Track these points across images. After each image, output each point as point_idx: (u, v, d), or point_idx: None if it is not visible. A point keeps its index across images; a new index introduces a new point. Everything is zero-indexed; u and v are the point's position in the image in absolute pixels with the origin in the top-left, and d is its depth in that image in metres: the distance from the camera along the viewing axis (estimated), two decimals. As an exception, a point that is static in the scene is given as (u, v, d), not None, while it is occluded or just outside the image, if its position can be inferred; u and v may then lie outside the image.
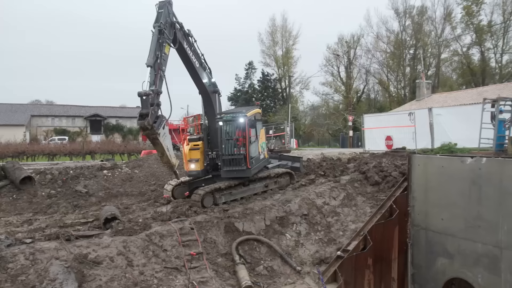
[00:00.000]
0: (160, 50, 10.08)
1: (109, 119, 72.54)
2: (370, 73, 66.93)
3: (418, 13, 61.19)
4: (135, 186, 16.54)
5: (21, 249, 7.94)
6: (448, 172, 10.89)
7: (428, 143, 20.43)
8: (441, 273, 10.93)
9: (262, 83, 70.93)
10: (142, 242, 9.01)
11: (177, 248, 9.24)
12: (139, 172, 18.22)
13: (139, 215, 11.77)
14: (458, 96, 36.85)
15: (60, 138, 57.53)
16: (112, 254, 8.37)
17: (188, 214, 10.79)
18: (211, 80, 12.98)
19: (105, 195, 15.42)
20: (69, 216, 12.55)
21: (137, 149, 36.27)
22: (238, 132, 12.56)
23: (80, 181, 16.29)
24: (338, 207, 12.22)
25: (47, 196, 14.81)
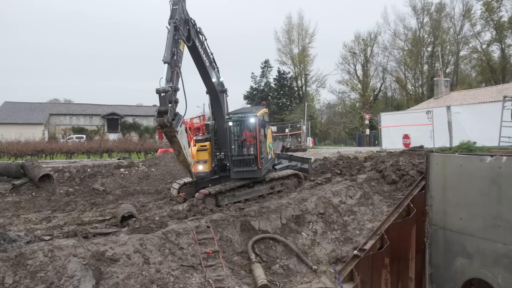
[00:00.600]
0: (176, 46, 9.93)
1: (126, 117, 73.29)
2: (387, 71, 66.34)
3: (436, 10, 60.36)
4: (151, 184, 16.67)
5: (40, 246, 8.06)
6: (467, 171, 10.70)
7: (446, 142, 20.16)
8: (460, 273, 10.75)
9: (278, 82, 70.81)
10: (159, 240, 9.06)
11: (193, 246, 9.27)
12: (156, 170, 18.36)
13: (156, 213, 11.86)
14: (478, 94, 36.29)
15: (78, 137, 58.40)
16: (129, 252, 8.44)
17: (204, 213, 10.83)
18: (219, 79, 12.84)
19: (122, 193, 15.58)
20: (87, 214, 12.72)
21: (154, 148, 36.57)
22: (248, 132, 12.48)
23: (97, 179, 16.49)
24: (355, 206, 12.12)
25: (65, 194, 15.03)
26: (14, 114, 64.68)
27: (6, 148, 32.67)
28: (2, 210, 13.18)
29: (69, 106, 77.29)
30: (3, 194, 14.25)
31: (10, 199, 14.09)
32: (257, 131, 12.32)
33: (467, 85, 54.47)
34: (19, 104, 68.44)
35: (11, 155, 31.65)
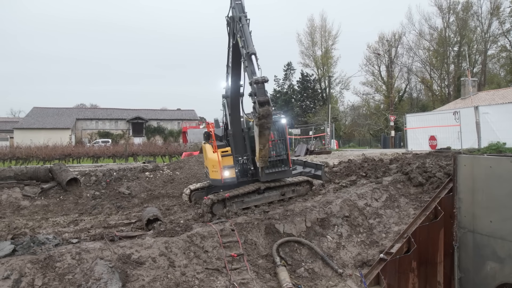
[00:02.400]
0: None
1: (151, 121, 74.21)
2: (412, 72, 65.44)
3: (463, 9, 59.18)
4: (176, 187, 16.81)
5: (68, 249, 8.22)
6: (496, 173, 10.43)
7: (474, 143, 19.71)
8: (490, 277, 10.46)
9: (301, 84, 70.68)
10: (184, 243, 9.12)
11: (218, 249, 9.29)
12: (180, 174, 18.51)
13: (181, 216, 11.94)
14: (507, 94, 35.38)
15: (103, 141, 59.44)
16: (155, 255, 8.52)
17: (229, 216, 10.84)
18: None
19: (147, 197, 15.75)
20: (113, 217, 12.90)
21: (178, 151, 36.84)
22: (279, 133, 12.60)
23: (123, 183, 16.72)
24: (380, 208, 11.94)
25: (91, 197, 15.29)
26: (43, 119, 66.40)
27: (35, 152, 33.45)
28: (32, 213, 13.52)
29: (95, 110, 78.85)
30: (32, 198, 14.61)
31: (39, 202, 14.44)
32: (286, 132, 12.63)
33: (495, 85, 53.14)
34: (47, 110, 70.24)
35: (40, 159, 32.42)
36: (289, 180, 13.03)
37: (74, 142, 55.36)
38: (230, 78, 11.99)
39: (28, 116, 68.43)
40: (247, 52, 9.73)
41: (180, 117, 76.80)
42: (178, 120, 75.51)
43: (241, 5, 10.70)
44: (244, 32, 10.08)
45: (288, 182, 12.96)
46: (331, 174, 16.26)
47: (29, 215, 13.28)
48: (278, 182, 12.66)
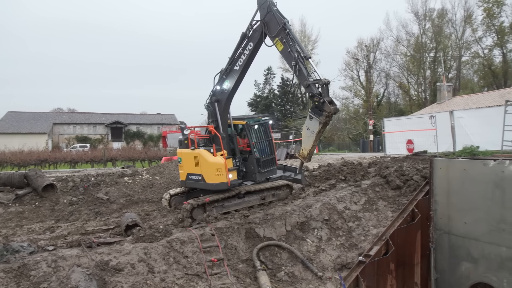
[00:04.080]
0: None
1: (130, 126, 73.58)
2: (390, 77, 66.57)
3: (438, 16, 60.66)
4: (156, 192, 16.68)
5: (43, 257, 8.06)
6: (470, 175, 10.68)
7: (450, 146, 20.17)
8: (465, 277, 10.69)
9: (281, 88, 71.04)
10: (163, 248, 9.06)
11: (198, 254, 9.26)
12: (160, 179, 18.39)
13: (160, 222, 11.86)
14: (480, 99, 36.27)
15: (81, 146, 58.61)
16: (134, 261, 8.44)
17: (209, 220, 10.81)
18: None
19: (126, 202, 15.59)
20: (91, 223, 12.73)
21: (158, 156, 36.62)
22: (267, 134, 13.29)
23: (101, 188, 16.52)
24: (359, 211, 12.09)
25: (69, 203, 15.05)
26: (17, 123, 65.08)
27: (9, 158, 32.84)
28: (5, 220, 13.21)
29: (72, 115, 77.71)
30: (6, 205, 14.29)
31: (13, 209, 14.12)
32: (271, 133, 13.41)
33: (469, 90, 54.52)
34: (22, 114, 68.88)
35: (14, 165, 31.82)
36: (269, 185, 13.13)
37: (50, 147, 54.43)
38: (233, 82, 12.14)
39: (2, 121, 66.85)
40: (304, 56, 10.95)
41: (160, 122, 76.34)
42: (158, 125, 75.08)
43: (279, 12, 11.33)
44: (295, 37, 11.16)
45: (268, 187, 13.03)
46: (311, 178, 16.40)
47: (3, 223, 12.97)
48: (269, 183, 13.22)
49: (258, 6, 11.68)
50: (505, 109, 15.21)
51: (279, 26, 11.14)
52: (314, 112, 10.66)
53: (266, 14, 11.47)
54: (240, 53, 12.04)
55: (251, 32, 11.85)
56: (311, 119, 10.73)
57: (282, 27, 11.09)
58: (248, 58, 11.94)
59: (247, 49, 11.93)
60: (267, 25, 11.46)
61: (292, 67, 11.16)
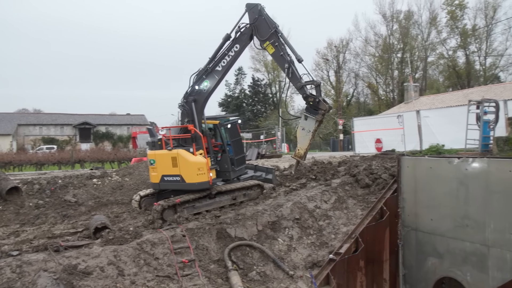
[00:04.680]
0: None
1: (99, 127, 72.18)
2: (359, 77, 67.72)
3: (405, 18, 62.13)
4: (125, 194, 16.42)
5: (7, 262, 7.80)
6: (436, 173, 11.00)
7: (417, 145, 20.67)
8: (431, 272, 11.01)
9: (252, 89, 71.26)
10: (133, 251, 8.94)
11: (169, 256, 9.18)
12: (130, 180, 18.11)
13: (130, 224, 11.68)
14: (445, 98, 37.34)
15: (48, 147, 56.97)
16: (103, 264, 8.30)
17: (180, 221, 10.74)
18: None
19: (95, 204, 15.29)
20: (58, 227, 12.42)
21: (128, 157, 36.10)
22: (237, 133, 13.75)
23: (69, 191, 16.14)
24: (330, 210, 12.24)
25: (34, 206, 14.63)
26: (-20, 125, 62.86)
27: (-29, 160, 31.68)
28: (-32, 225, 12.74)
29: (38, 116, 75.56)
30: (-30, 209, 13.79)
31: (-24, 213, 13.64)
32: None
33: (435, 90, 56.12)
34: (-15, 115, 66.57)
35: (-23, 168, 30.69)
36: (240, 185, 13.16)
37: (15, 149, 52.73)
38: (214, 82, 12.31)
39: (-37, 122, 64.52)
40: (298, 59, 11.51)
41: (129, 122, 75.19)
42: (127, 125, 73.96)
43: (269, 17, 11.88)
44: (287, 40, 11.77)
45: (239, 187, 13.05)
46: (282, 178, 16.50)
47: (-35, 228, 12.52)
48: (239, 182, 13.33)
49: (247, 10, 12.02)
50: (468, 109, 15.69)
51: (270, 30, 11.70)
52: (309, 112, 11.37)
53: (257, 18, 11.86)
54: (224, 54, 12.24)
55: (239, 35, 12.16)
56: (307, 119, 11.42)
57: (274, 31, 11.67)
58: (233, 59, 12.24)
59: (232, 51, 12.19)
60: (257, 29, 11.90)
61: (284, 70, 11.74)
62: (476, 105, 15.55)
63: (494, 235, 9.41)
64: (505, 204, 9.21)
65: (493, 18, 54.89)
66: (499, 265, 9.32)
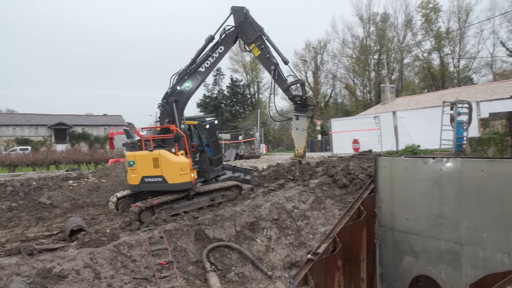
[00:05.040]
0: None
1: (75, 127, 71.09)
2: (337, 78, 68.33)
3: (382, 20, 63.00)
4: (102, 195, 16.20)
5: (-21, 266, 7.62)
6: (412, 173, 11.19)
7: (393, 146, 20.99)
8: (407, 271, 11.19)
9: (231, 89, 71.17)
10: (110, 253, 8.82)
11: (147, 258, 9.09)
12: (107, 181, 17.87)
13: (107, 226, 11.54)
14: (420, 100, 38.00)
15: (22, 148, 55.68)
16: (78, 267, 8.16)
17: (157, 223, 10.65)
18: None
19: (70, 206, 15.03)
20: (32, 229, 12.16)
21: (104, 158, 35.58)
22: (215, 133, 13.96)
23: (43, 193, 15.83)
24: (308, 210, 12.32)
25: (7, 209, 14.30)
26: (-49, 126, 61.07)
27: None
28: None
29: (12, 116, 73.80)
30: None
31: None
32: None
33: (411, 91, 57.09)
34: (-44, 116, 64.75)
35: None
36: (218, 186, 13.13)
37: (-13, 150, 51.43)
38: (196, 83, 12.41)
39: None
40: (284, 61, 12.25)
41: (106, 123, 74.29)
42: (104, 126, 73.04)
43: (255, 20, 12.27)
44: (273, 43, 12.21)
45: (218, 187, 13.01)
46: (260, 178, 16.52)
47: None
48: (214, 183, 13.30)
49: (232, 12, 12.33)
50: (442, 110, 16.01)
51: (256, 33, 12.10)
52: (299, 111, 12.14)
53: (242, 21, 12.16)
54: (207, 55, 12.37)
55: (224, 37, 12.35)
56: (298, 118, 12.17)
57: (260, 34, 12.08)
58: (216, 60, 12.45)
59: (216, 52, 12.37)
60: (243, 32, 12.21)
61: (270, 72, 12.23)
62: (450, 107, 15.88)
63: (468, 233, 9.63)
64: (477, 203, 9.43)
65: (465, 22, 56.27)
66: (472, 262, 9.54)
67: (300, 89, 12.27)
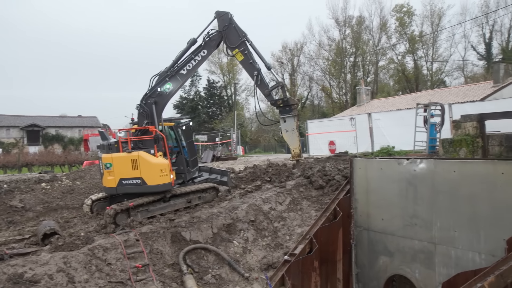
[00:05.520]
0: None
1: (48, 129, 69.62)
2: (313, 80, 68.94)
3: (357, 23, 63.92)
4: (76, 198, 15.92)
5: None
6: (386, 174, 11.37)
7: (368, 147, 21.29)
8: (382, 271, 11.36)
9: (208, 91, 70.92)
10: (84, 256, 8.67)
11: (122, 261, 8.97)
12: (81, 184, 17.58)
13: (81, 229, 11.35)
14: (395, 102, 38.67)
15: (-8, 151, 54.25)
16: (51, 272, 7.99)
17: (133, 226, 10.53)
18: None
19: (43, 209, 14.72)
20: (3, 234, 11.87)
21: (79, 160, 35.04)
22: (191, 135, 14.14)
23: (15, 196, 15.45)
24: (284, 212, 12.37)
25: (-23, 213, 13.91)
26: None
27: None
28: None
29: (-18, 118, 71.84)
30: None
31: None
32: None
33: (386, 93, 58.11)
34: None
35: None
36: (195, 188, 13.10)
37: (-44, 153, 49.85)
38: (177, 85, 12.46)
39: None
40: (266, 66, 12.71)
41: (81, 124, 73.11)
42: (79, 127, 71.81)
43: (238, 25, 12.51)
44: (256, 49, 12.54)
45: (194, 189, 12.97)
46: (237, 180, 16.52)
47: None
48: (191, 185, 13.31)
49: (216, 17, 12.46)
50: (416, 112, 16.35)
51: (240, 38, 12.31)
52: (284, 113, 12.48)
53: (227, 26, 12.33)
54: (189, 57, 12.41)
55: (208, 40, 12.47)
56: (285, 120, 12.51)
57: (244, 39, 12.33)
58: (198, 63, 12.56)
59: (199, 55, 12.46)
60: (227, 36, 12.38)
61: (253, 78, 12.45)
62: (424, 108, 16.23)
63: (440, 233, 9.84)
64: (450, 203, 9.64)
65: (438, 26, 57.70)
66: (444, 261, 9.75)
67: (281, 90, 12.59)
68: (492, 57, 54.04)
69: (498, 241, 8.53)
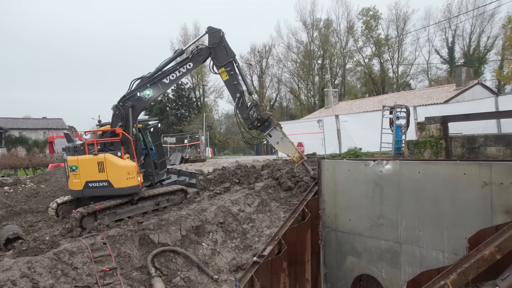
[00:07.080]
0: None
1: (11, 131, 67.37)
2: (282, 82, 69.41)
3: (325, 26, 64.74)
4: (41, 202, 15.50)
5: None
6: (354, 175, 11.58)
7: (336, 149, 21.60)
8: (350, 270, 11.56)
9: (176, 93, 70.24)
10: (50, 261, 8.48)
11: (89, 265, 8.82)
12: (46, 187, 17.13)
13: (46, 233, 11.07)
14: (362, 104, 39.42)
15: (-49, 153, 52.04)
16: (15, 277, 7.78)
17: (100, 229, 10.36)
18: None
19: (6, 214, 14.26)
20: (-37, 239, 11.43)
21: (44, 163, 34.09)
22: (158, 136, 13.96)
23: (-24, 200, 14.92)
24: (253, 213, 12.43)
25: None
26: None
27: None
28: None
29: None
30: None
31: None
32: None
33: (353, 96, 59.18)
34: None
35: None
36: (163, 190, 13.01)
37: None
38: (157, 92, 12.44)
39: None
40: (250, 92, 13.29)
41: (46, 126, 71.21)
42: (44, 130, 69.89)
43: (229, 45, 12.50)
44: (242, 72, 12.80)
45: (163, 192, 12.87)
46: (206, 182, 16.48)
47: None
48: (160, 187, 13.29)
49: (208, 32, 12.45)
50: (382, 114, 16.72)
51: (228, 58, 12.31)
52: (265, 129, 12.74)
53: (217, 43, 12.29)
54: (174, 68, 12.42)
55: (195, 54, 12.49)
56: (271, 136, 12.79)
57: (232, 60, 12.37)
58: (182, 75, 12.66)
59: (184, 68, 12.51)
60: (215, 54, 12.36)
61: (235, 99, 12.55)
62: (390, 111, 16.63)
63: (406, 232, 10.11)
64: (415, 203, 9.92)
65: (403, 30, 59.23)
66: (409, 260, 10.02)
67: (255, 109, 12.67)
68: (455, 60, 55.97)
69: (460, 240, 8.82)
